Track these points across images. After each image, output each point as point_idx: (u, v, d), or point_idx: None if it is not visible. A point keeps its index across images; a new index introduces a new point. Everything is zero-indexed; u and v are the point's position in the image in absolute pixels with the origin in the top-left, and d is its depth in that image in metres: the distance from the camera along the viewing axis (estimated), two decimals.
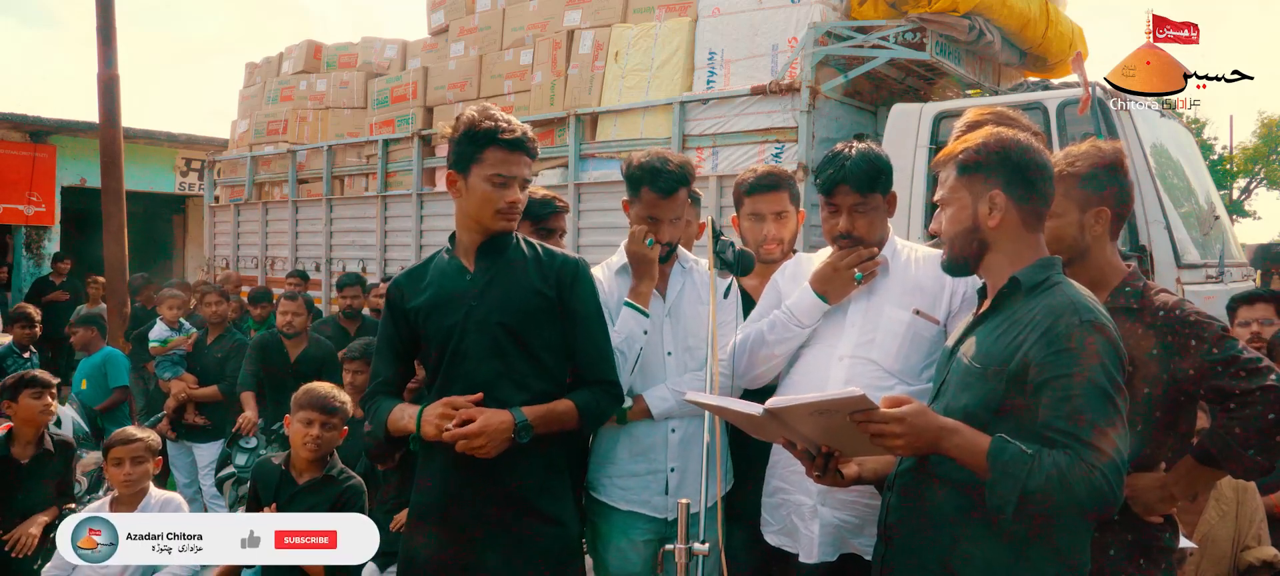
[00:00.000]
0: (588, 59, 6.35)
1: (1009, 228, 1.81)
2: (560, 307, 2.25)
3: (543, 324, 2.23)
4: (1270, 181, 25.67)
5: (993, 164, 1.81)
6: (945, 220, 1.88)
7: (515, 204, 2.20)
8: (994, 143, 1.82)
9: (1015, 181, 1.80)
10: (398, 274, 2.46)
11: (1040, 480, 1.58)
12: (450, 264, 2.29)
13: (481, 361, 2.18)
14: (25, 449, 3.87)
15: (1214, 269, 4.91)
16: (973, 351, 1.81)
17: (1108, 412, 1.61)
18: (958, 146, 1.87)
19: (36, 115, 12.84)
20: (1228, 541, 3.05)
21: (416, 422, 2.14)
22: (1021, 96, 5.06)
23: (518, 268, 2.25)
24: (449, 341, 2.20)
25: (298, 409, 3.20)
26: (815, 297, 2.33)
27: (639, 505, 2.46)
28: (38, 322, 6.84)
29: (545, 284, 2.25)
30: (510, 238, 2.28)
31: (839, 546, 2.25)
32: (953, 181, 1.86)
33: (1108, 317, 1.71)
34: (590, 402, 2.26)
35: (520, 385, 2.18)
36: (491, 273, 2.23)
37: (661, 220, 2.47)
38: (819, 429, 1.80)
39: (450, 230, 2.36)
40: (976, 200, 1.82)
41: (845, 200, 2.30)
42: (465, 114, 2.21)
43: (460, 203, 2.24)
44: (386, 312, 2.37)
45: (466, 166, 2.19)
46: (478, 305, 2.20)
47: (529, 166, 2.23)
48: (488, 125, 2.15)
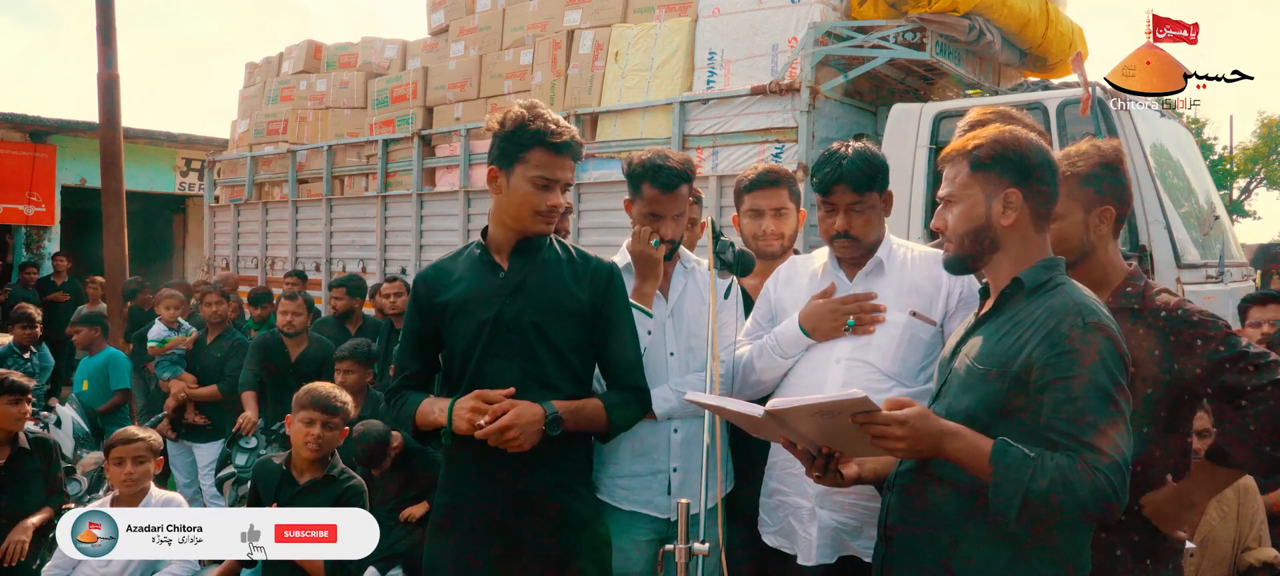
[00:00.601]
0: (588, 59, 6.35)
1: (1020, 227, 1.79)
2: (593, 312, 2.23)
3: (573, 326, 2.21)
4: (1270, 181, 25.66)
5: (1009, 161, 1.79)
6: (953, 216, 1.84)
7: (556, 207, 2.18)
8: (1010, 140, 1.80)
9: (1029, 180, 1.78)
10: (424, 268, 2.42)
11: (1043, 483, 1.57)
12: (482, 259, 2.25)
13: (510, 360, 2.16)
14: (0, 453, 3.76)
15: (1214, 269, 4.91)
16: (975, 352, 1.80)
17: (1110, 414, 1.61)
18: (970, 141, 1.84)
19: (36, 115, 12.84)
20: (1228, 542, 3.05)
21: (448, 416, 2.11)
22: (1021, 96, 5.06)
23: (552, 268, 2.23)
24: (479, 338, 2.18)
25: (299, 408, 3.21)
26: (800, 332, 2.33)
27: (641, 505, 2.46)
28: (38, 323, 6.83)
29: (579, 287, 2.23)
30: (545, 238, 2.26)
31: (838, 549, 2.25)
32: (964, 177, 1.83)
33: (1110, 319, 1.71)
34: (619, 406, 2.24)
35: (548, 385, 2.16)
36: (525, 272, 2.21)
37: (664, 216, 2.47)
38: (820, 430, 1.80)
39: (450, 230, 2.36)
40: (990, 198, 1.80)
41: (842, 199, 2.30)
42: (513, 110, 2.16)
43: (499, 199, 2.21)
44: (413, 306, 2.33)
45: (510, 164, 2.16)
46: (510, 303, 2.18)
47: (572, 169, 2.20)
48: (537, 125, 2.11)
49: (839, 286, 2.36)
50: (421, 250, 7.19)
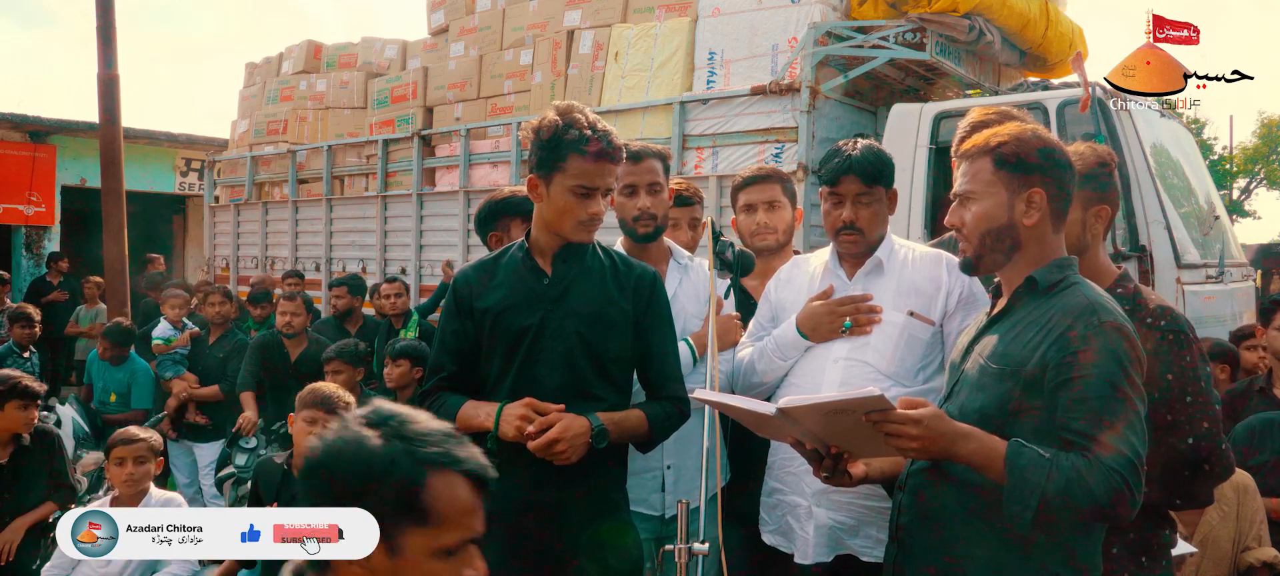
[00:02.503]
0: (588, 59, 6.35)
1: (1041, 227, 1.76)
2: (635, 321, 2.19)
3: (616, 337, 2.16)
4: (1270, 181, 25.65)
5: (1035, 160, 1.75)
6: (972, 215, 1.80)
7: (597, 216, 2.10)
8: (1034, 138, 1.77)
9: (1052, 179, 1.75)
10: (464, 267, 2.37)
11: (1059, 483, 1.56)
12: (525, 263, 2.19)
13: (553, 369, 2.11)
14: (2, 451, 3.77)
15: (1214, 269, 4.91)
16: (988, 352, 1.78)
17: (1125, 413, 1.59)
18: (993, 138, 1.79)
19: (36, 115, 12.83)
20: (1228, 542, 3.05)
21: (495, 421, 2.06)
22: (1021, 96, 5.07)
23: (596, 276, 2.18)
24: (521, 344, 2.13)
25: (301, 408, 3.20)
26: (798, 335, 2.33)
27: (636, 503, 2.44)
28: (38, 323, 6.82)
29: (622, 295, 2.18)
30: (588, 245, 2.20)
31: (835, 547, 2.25)
32: (987, 174, 1.78)
33: (1125, 318, 1.69)
34: (660, 416, 2.18)
35: (590, 396, 2.12)
36: (569, 278, 2.16)
37: (638, 186, 2.48)
38: (830, 429, 1.79)
39: (450, 230, 2.35)
40: (1013, 197, 1.76)
41: (850, 189, 2.29)
42: (549, 116, 2.09)
43: (540, 206, 2.15)
44: (452, 307, 2.25)
45: (548, 172, 2.08)
46: (554, 310, 2.13)
47: (614, 174, 2.12)
48: (572, 134, 2.03)
49: (838, 286, 2.36)
50: (421, 250, 7.20)
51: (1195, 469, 1.93)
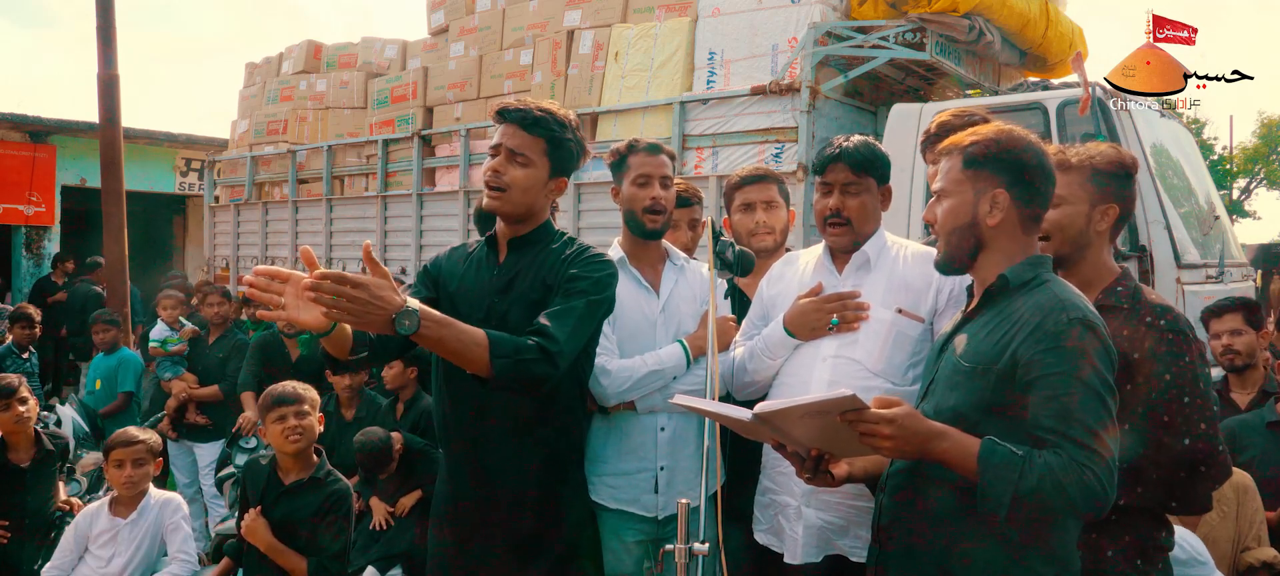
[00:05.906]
0: (588, 59, 6.35)
1: (1007, 228, 1.78)
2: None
3: None
4: (1270, 181, 25.66)
5: (1002, 162, 1.77)
6: (942, 212, 1.84)
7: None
8: (1006, 139, 1.79)
9: (1020, 182, 1.77)
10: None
11: (1032, 481, 1.57)
12: (483, 252, 2.33)
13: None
14: (24, 454, 3.84)
15: (1214, 269, 4.91)
16: (961, 349, 1.80)
17: (1098, 411, 1.61)
18: (966, 137, 1.82)
19: (36, 115, 12.83)
20: (1228, 542, 3.05)
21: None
22: (1021, 96, 5.07)
23: (548, 266, 2.22)
24: None
25: (264, 413, 3.17)
26: (785, 333, 2.34)
27: (629, 504, 2.46)
28: (37, 323, 6.83)
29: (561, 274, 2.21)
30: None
31: (824, 547, 2.24)
32: (956, 172, 1.82)
33: (1097, 316, 1.70)
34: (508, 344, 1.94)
35: None
36: (519, 267, 2.24)
37: (652, 177, 2.53)
38: (809, 430, 1.80)
39: (450, 230, 2.39)
40: (978, 196, 1.79)
41: (838, 177, 2.30)
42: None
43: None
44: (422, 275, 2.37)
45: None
46: (499, 300, 2.22)
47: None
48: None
49: (828, 282, 2.35)
50: (421, 250, 7.19)
51: (1191, 470, 1.92)
